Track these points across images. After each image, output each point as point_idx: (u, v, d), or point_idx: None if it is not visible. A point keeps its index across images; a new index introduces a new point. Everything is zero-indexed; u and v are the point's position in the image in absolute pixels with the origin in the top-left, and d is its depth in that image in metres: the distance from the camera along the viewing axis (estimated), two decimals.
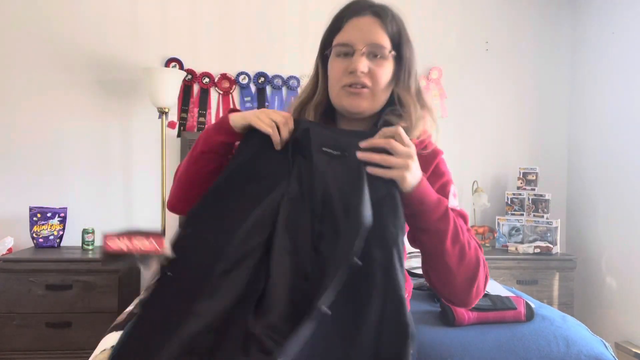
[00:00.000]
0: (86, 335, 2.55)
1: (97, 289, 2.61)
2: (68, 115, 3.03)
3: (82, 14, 3.05)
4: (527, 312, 1.64)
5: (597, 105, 3.14)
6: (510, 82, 3.35)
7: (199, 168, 1.04)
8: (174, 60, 3.11)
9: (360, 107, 1.01)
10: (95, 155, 3.05)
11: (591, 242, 3.14)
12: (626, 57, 2.89)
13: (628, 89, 2.86)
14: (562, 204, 3.38)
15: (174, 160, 3.11)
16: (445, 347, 1.44)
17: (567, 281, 2.91)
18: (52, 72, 3.03)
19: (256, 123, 0.96)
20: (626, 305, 2.83)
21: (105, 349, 1.40)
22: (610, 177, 2.98)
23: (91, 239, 2.86)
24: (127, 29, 3.09)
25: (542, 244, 2.99)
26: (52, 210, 2.86)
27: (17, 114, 3.00)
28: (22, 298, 2.55)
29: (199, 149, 1.04)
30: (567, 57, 3.40)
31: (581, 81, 3.31)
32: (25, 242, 2.92)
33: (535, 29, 3.38)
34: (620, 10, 2.96)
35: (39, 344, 2.55)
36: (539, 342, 1.48)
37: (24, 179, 2.99)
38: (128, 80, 3.06)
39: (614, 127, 2.97)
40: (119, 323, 1.58)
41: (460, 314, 1.59)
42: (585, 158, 3.22)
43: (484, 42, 3.31)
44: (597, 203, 3.10)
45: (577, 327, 1.60)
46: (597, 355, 1.46)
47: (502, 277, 2.85)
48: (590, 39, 3.22)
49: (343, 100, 1.01)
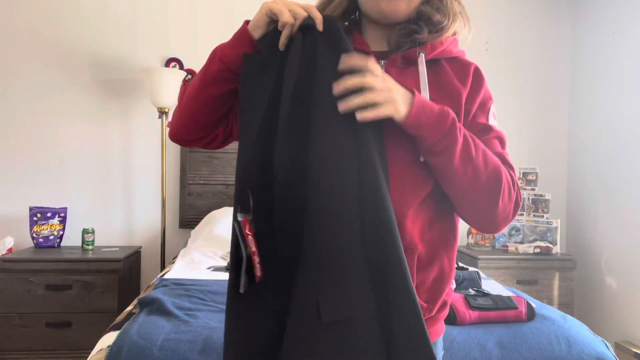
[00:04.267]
0: (86, 335, 2.55)
1: (97, 289, 2.61)
2: (68, 115, 3.03)
3: (83, 14, 3.05)
4: (528, 312, 1.64)
5: (597, 105, 3.14)
6: (510, 82, 3.35)
7: (214, 91, 0.91)
8: (174, 60, 3.11)
9: (398, 10, 0.90)
10: (95, 155, 3.05)
11: (591, 242, 3.14)
12: (626, 57, 2.89)
13: (628, 89, 2.87)
14: (562, 204, 3.38)
15: (174, 160, 3.11)
16: (447, 346, 1.44)
17: (567, 281, 2.91)
18: (52, 72, 3.03)
19: (274, 6, 0.86)
20: (626, 305, 2.83)
21: (102, 349, 1.40)
22: (610, 177, 2.99)
23: (91, 239, 2.85)
24: (127, 29, 3.09)
25: (542, 244, 2.99)
26: (52, 210, 2.86)
27: (17, 114, 3.00)
28: (22, 298, 2.55)
29: (215, 68, 0.90)
30: (567, 57, 3.41)
31: (581, 81, 3.31)
32: (25, 242, 2.92)
33: (535, 29, 3.39)
34: (620, 10, 2.96)
35: (39, 344, 2.55)
36: (541, 342, 1.48)
37: (24, 179, 2.99)
38: (128, 80, 3.06)
39: (614, 127, 2.97)
40: (118, 323, 1.58)
41: (461, 313, 1.59)
42: (585, 158, 3.23)
43: (484, 42, 3.31)
44: (597, 203, 3.10)
45: (578, 327, 1.61)
46: (598, 355, 1.46)
47: (502, 277, 2.85)
48: (590, 39, 3.23)
49: (380, 3, 0.90)
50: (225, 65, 0.89)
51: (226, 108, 0.95)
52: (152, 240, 3.09)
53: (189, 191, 3.09)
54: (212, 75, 0.90)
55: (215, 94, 0.91)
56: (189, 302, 1.66)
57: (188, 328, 1.44)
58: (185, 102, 0.95)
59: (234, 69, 0.89)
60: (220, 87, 0.91)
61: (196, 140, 0.99)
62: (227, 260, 2.35)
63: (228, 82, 0.91)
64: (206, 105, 0.93)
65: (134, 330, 1.41)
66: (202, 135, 0.97)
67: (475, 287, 1.91)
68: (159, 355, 1.32)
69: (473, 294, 1.73)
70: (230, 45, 0.90)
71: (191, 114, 0.95)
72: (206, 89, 0.91)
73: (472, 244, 3.11)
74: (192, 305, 1.62)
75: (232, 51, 0.89)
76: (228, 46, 0.90)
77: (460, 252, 3.01)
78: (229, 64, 0.89)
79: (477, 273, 2.00)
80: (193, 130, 0.96)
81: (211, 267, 2.23)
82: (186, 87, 0.97)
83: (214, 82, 0.91)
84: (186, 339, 1.38)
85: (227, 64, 0.89)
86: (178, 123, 0.97)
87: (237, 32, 0.91)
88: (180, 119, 0.96)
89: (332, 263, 0.77)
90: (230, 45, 0.90)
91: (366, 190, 0.79)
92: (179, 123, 0.97)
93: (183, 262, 2.32)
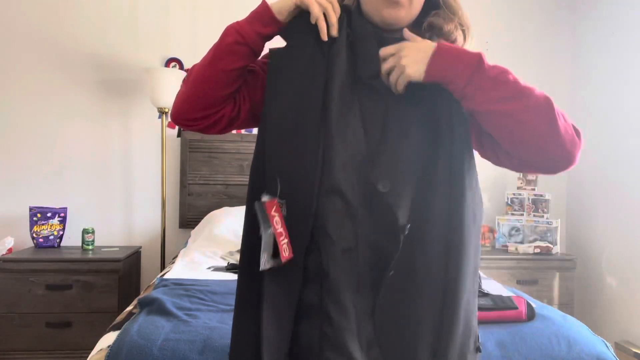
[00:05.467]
0: (86, 335, 2.55)
1: (97, 289, 2.61)
2: (68, 115, 3.03)
3: (83, 14, 3.05)
4: (528, 312, 1.64)
5: (597, 105, 3.14)
6: None
7: (227, 64, 0.89)
8: (174, 60, 3.11)
9: (399, 18, 0.92)
10: (95, 155, 3.05)
11: (591, 242, 3.14)
12: (626, 57, 2.89)
13: (628, 89, 2.87)
14: (562, 204, 3.38)
15: (174, 160, 3.11)
16: None
17: (567, 281, 2.91)
18: (53, 72, 3.03)
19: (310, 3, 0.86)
20: (626, 305, 2.83)
21: (102, 349, 1.40)
22: (610, 177, 2.98)
23: (91, 239, 2.85)
24: (127, 29, 3.09)
25: (542, 244, 2.99)
26: (52, 210, 2.86)
27: (16, 114, 2.99)
28: (22, 298, 2.55)
29: (231, 39, 0.88)
30: (567, 58, 3.41)
31: (581, 81, 3.31)
32: (25, 242, 2.92)
33: (535, 29, 3.39)
34: (620, 11, 2.96)
35: (39, 344, 2.55)
36: (541, 342, 1.48)
37: (24, 179, 2.99)
38: (128, 80, 3.06)
39: (614, 127, 2.97)
40: (117, 323, 1.58)
41: None
42: (585, 158, 3.22)
43: (484, 42, 3.31)
44: (597, 203, 3.10)
45: (578, 327, 1.61)
46: (598, 355, 1.46)
47: (502, 277, 2.85)
48: (590, 40, 3.23)
49: (382, 10, 0.91)
50: (242, 38, 0.89)
51: (236, 86, 0.92)
52: (152, 240, 3.09)
53: (189, 191, 3.09)
54: (227, 47, 0.89)
55: (227, 67, 0.89)
56: (189, 302, 1.65)
57: (188, 328, 1.44)
58: (192, 79, 0.92)
59: (250, 44, 0.89)
60: (233, 60, 0.89)
61: (199, 120, 0.94)
62: (227, 260, 2.35)
63: (242, 56, 0.90)
64: (216, 79, 0.90)
65: (134, 330, 1.41)
66: (207, 114, 0.93)
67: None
68: (159, 355, 1.32)
69: None
70: (249, 22, 0.90)
71: (198, 89, 0.91)
72: (219, 62, 0.89)
73: None
74: (192, 305, 1.62)
75: (251, 27, 0.89)
76: (246, 22, 0.90)
77: None
78: (247, 37, 0.89)
79: None
80: (199, 107, 0.92)
81: (211, 267, 2.23)
82: (192, 69, 0.94)
83: (228, 54, 0.89)
84: (186, 339, 1.38)
85: (245, 36, 0.88)
86: (182, 100, 0.93)
87: (255, 10, 0.91)
88: (185, 96, 0.93)
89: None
90: (249, 21, 0.90)
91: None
92: (184, 100, 0.93)
93: (183, 262, 2.32)
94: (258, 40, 0.90)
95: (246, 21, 0.90)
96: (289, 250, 0.83)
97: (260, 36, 0.90)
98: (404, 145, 0.87)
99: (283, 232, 0.82)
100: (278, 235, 0.82)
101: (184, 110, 0.93)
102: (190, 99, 0.92)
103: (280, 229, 0.82)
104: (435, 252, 0.83)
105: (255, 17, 0.90)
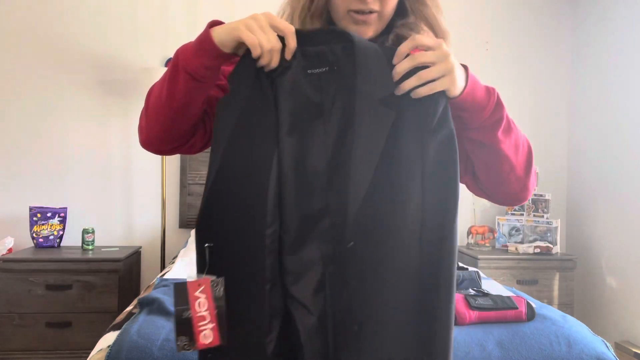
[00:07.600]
0: (86, 335, 2.55)
1: (97, 289, 2.61)
2: (68, 115, 3.03)
3: (82, 14, 3.05)
4: (528, 312, 1.64)
5: (597, 105, 3.14)
6: (510, 82, 3.35)
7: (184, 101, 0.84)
8: None
9: (366, 34, 0.89)
10: (95, 155, 3.05)
11: (591, 242, 3.14)
12: (626, 57, 2.89)
13: (628, 89, 2.87)
14: (562, 204, 3.38)
15: (174, 160, 3.11)
16: None
17: (567, 281, 2.91)
18: (53, 72, 3.03)
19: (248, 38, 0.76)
20: (626, 305, 2.83)
21: (102, 349, 1.40)
22: (610, 177, 2.98)
23: (91, 239, 2.85)
24: (127, 29, 3.09)
25: (542, 244, 2.99)
26: (52, 210, 2.86)
27: (16, 114, 2.99)
28: (22, 298, 2.55)
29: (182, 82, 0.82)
30: (567, 57, 3.41)
31: (581, 81, 3.31)
32: (25, 242, 2.92)
33: (535, 29, 3.39)
34: (620, 11, 2.96)
35: (39, 344, 2.55)
36: (541, 342, 1.48)
37: (24, 179, 2.99)
38: (128, 80, 3.06)
39: (614, 127, 2.97)
40: (118, 323, 1.58)
41: (461, 313, 1.59)
42: (585, 158, 3.23)
43: (484, 43, 3.31)
44: (597, 203, 3.10)
45: (578, 327, 1.61)
46: (598, 355, 1.46)
47: (502, 277, 2.85)
48: (590, 40, 3.23)
49: (349, 27, 0.89)
50: (191, 78, 0.82)
51: (198, 113, 0.88)
52: (152, 240, 3.09)
53: (189, 191, 3.09)
54: (180, 89, 0.83)
55: (183, 104, 0.84)
56: None
57: None
58: (153, 112, 0.88)
59: (200, 79, 0.82)
60: (190, 97, 0.84)
61: (170, 151, 0.93)
62: None
63: (197, 91, 0.84)
64: (174, 116, 0.86)
65: (134, 330, 1.41)
66: (175, 146, 0.91)
67: (475, 287, 1.91)
68: (159, 355, 1.32)
69: (473, 294, 1.73)
70: (194, 54, 0.81)
71: (159, 129, 0.88)
72: (173, 101, 0.84)
73: (472, 244, 3.11)
74: None
75: (197, 60, 0.81)
76: (191, 54, 0.81)
77: (460, 252, 3.01)
78: (195, 75, 0.82)
79: (477, 273, 1.99)
80: (164, 142, 0.90)
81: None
82: (152, 88, 0.89)
83: (181, 93, 0.83)
84: None
85: (194, 75, 0.82)
86: (149, 134, 0.90)
87: (200, 37, 0.82)
88: (150, 130, 0.89)
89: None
90: (194, 53, 0.81)
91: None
92: (150, 134, 0.90)
93: (183, 262, 2.32)
94: (209, 73, 0.83)
95: (192, 53, 0.81)
96: (214, 337, 0.74)
97: (210, 70, 0.82)
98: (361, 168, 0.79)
99: (207, 316, 0.74)
100: (198, 319, 0.73)
101: (153, 144, 0.92)
102: (155, 135, 0.89)
103: (203, 313, 0.73)
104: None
105: (200, 47, 0.81)
